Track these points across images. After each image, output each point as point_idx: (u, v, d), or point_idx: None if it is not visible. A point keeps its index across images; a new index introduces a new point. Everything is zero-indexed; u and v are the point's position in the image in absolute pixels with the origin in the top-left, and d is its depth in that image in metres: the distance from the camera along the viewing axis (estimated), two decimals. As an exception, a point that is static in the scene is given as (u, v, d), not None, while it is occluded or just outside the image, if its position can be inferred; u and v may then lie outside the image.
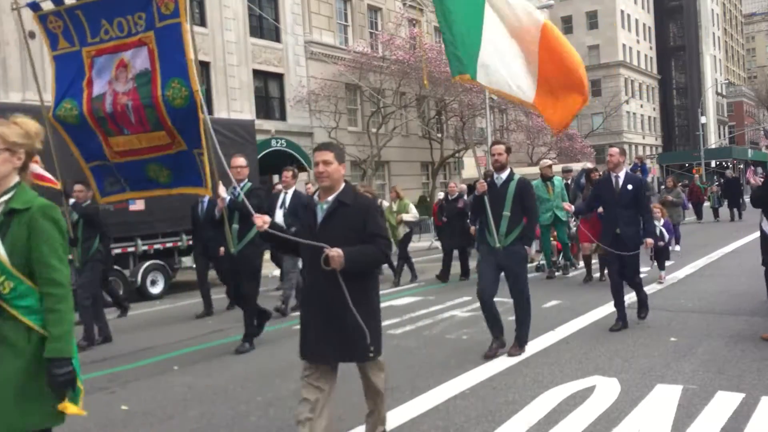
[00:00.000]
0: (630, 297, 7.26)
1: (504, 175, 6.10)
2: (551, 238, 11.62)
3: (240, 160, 7.02)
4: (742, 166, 56.86)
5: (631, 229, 6.71)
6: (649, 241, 6.84)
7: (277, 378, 5.75)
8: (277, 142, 18.59)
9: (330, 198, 3.65)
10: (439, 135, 31.63)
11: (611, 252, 6.81)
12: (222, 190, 6.34)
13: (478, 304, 8.78)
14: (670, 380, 5.00)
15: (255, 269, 7.05)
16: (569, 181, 11.82)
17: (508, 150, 6.17)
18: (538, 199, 10.96)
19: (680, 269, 11.12)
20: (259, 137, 16.60)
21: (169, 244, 12.00)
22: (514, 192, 5.97)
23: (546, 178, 11.16)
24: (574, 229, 11.14)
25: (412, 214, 11.89)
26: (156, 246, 11.85)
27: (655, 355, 5.78)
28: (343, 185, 3.70)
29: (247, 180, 7.00)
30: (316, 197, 3.83)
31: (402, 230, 11.79)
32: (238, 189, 6.51)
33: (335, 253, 3.37)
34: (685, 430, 4.04)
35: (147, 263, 11.63)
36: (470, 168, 36.29)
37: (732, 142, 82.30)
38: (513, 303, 6.10)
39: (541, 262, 12.03)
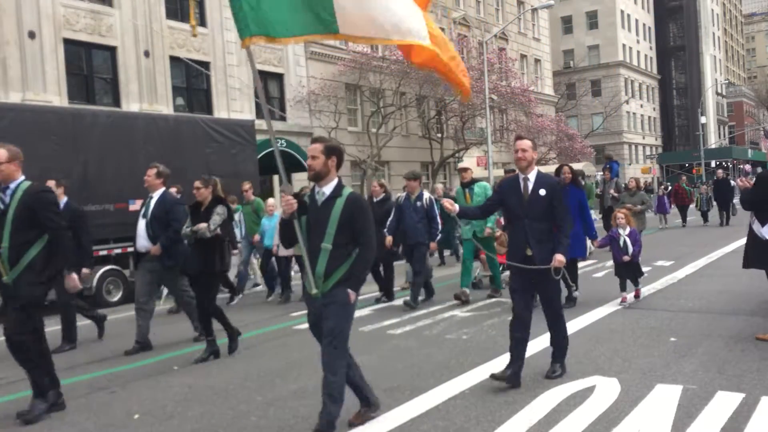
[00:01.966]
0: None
1: (327, 188, 4.19)
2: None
3: None
4: (742, 166, 56.92)
5: (546, 248, 5.10)
6: (559, 258, 5.05)
7: (277, 378, 5.75)
8: (277, 142, 18.58)
9: None
10: (439, 135, 31.65)
11: (516, 268, 5.17)
12: None
13: (478, 304, 8.85)
14: (670, 380, 5.00)
15: (30, 302, 4.86)
16: None
17: (332, 151, 4.22)
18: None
19: (680, 269, 11.13)
20: (259, 137, 16.59)
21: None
22: (340, 213, 4.12)
23: (464, 184, 9.20)
24: None
25: None
26: (156, 246, 11.84)
27: (655, 355, 5.78)
28: None
29: (23, 179, 4.94)
30: None
31: None
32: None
33: None
34: (685, 430, 4.04)
35: (147, 263, 11.60)
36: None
37: (732, 142, 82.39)
38: (324, 380, 4.17)
39: (479, 277, 10.58)
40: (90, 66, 19.37)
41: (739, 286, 9.03)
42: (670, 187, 26.41)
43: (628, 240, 8.16)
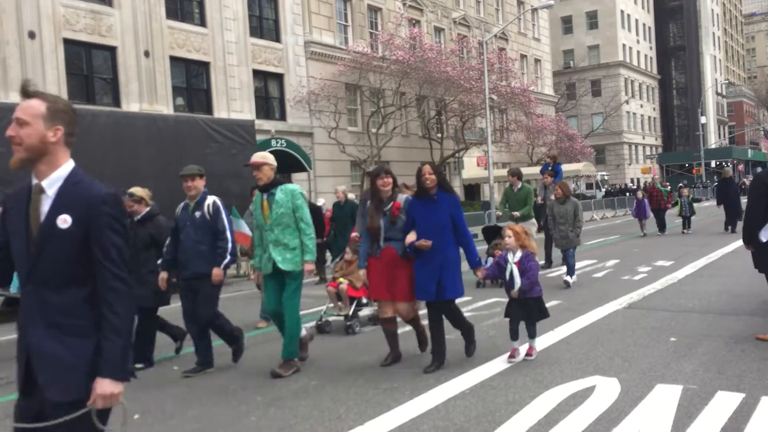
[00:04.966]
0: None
1: None
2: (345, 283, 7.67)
3: None
4: (742, 167, 56.99)
5: (70, 353, 2.31)
6: (104, 392, 2.26)
7: (277, 378, 5.75)
8: (277, 142, 18.60)
9: None
10: (439, 135, 31.66)
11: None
12: None
13: (478, 304, 8.85)
14: (670, 380, 5.00)
15: None
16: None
17: None
18: (256, 226, 6.02)
19: (680, 269, 11.13)
20: (259, 137, 16.60)
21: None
22: None
23: (260, 187, 5.88)
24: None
25: None
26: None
27: (655, 355, 5.78)
28: None
29: None
30: None
31: None
32: None
33: None
34: (685, 430, 4.04)
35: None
36: (470, 168, 36.36)
37: (732, 142, 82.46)
38: None
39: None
40: (90, 66, 19.38)
41: (739, 286, 9.03)
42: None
43: (515, 269, 5.72)
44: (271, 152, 18.13)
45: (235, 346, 6.32)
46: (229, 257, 5.93)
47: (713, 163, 56.38)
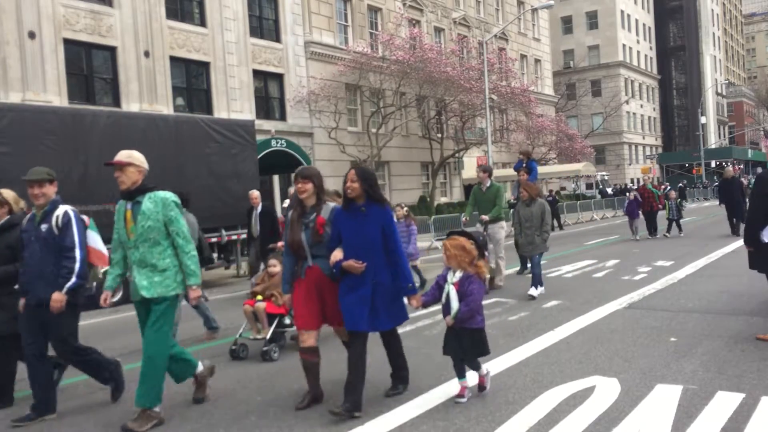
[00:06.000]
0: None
1: None
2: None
3: None
4: (741, 167, 57.01)
5: None
6: None
7: (277, 378, 5.76)
8: (277, 142, 18.61)
9: None
10: (439, 135, 31.66)
11: None
12: None
13: (478, 304, 8.84)
14: (670, 380, 5.00)
15: None
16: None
17: None
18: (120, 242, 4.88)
19: (680, 269, 11.13)
20: (259, 137, 16.61)
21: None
22: None
23: (124, 193, 4.74)
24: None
25: None
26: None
27: (655, 355, 5.78)
28: None
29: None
30: None
31: None
32: None
33: None
34: (685, 430, 4.04)
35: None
36: (470, 168, 36.38)
37: (732, 142, 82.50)
38: None
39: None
40: (90, 66, 19.38)
41: (739, 286, 9.03)
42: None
43: (453, 291, 4.78)
44: (271, 152, 18.22)
45: (111, 384, 5.35)
46: (74, 279, 4.82)
47: (713, 163, 56.44)
